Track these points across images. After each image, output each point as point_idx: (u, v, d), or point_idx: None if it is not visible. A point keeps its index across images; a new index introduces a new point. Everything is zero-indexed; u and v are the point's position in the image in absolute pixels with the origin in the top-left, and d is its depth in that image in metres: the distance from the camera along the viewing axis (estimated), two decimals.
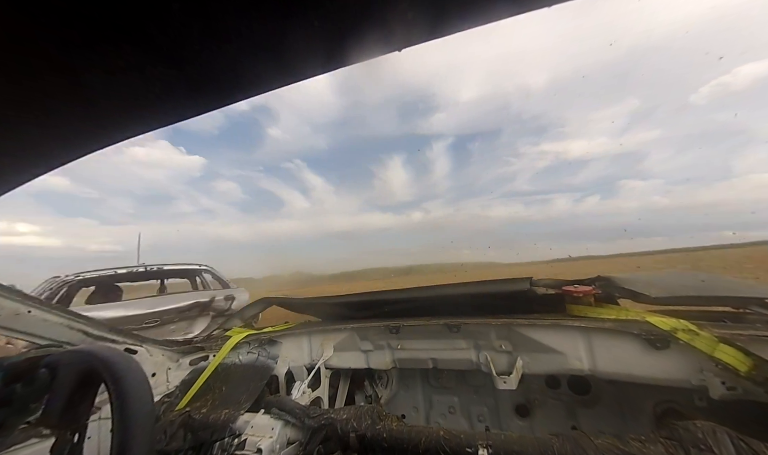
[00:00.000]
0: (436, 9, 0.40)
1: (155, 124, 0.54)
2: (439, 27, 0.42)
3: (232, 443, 1.01)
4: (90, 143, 0.55)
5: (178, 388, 1.50)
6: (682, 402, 1.11)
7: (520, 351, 1.22)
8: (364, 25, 0.40)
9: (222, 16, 0.37)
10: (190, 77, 0.46)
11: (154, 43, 0.40)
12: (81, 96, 0.45)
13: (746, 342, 0.92)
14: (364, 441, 0.96)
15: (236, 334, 1.77)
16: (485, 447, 0.83)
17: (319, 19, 0.39)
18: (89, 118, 0.50)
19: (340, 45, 0.43)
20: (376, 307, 1.71)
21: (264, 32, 0.41)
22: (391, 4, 0.38)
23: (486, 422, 1.60)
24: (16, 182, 0.59)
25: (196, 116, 0.54)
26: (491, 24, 0.42)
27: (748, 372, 0.85)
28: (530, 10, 0.40)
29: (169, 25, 0.38)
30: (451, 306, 1.56)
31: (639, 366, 1.04)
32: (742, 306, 1.33)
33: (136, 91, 0.47)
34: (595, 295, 1.34)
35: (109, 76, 0.43)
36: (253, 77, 0.49)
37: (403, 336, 1.44)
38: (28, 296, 1.14)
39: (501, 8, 0.40)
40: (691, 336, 0.98)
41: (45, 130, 0.50)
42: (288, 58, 0.45)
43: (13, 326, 1.08)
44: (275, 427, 1.03)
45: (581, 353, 1.13)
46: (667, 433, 0.77)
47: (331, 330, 1.59)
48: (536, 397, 1.51)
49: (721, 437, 0.71)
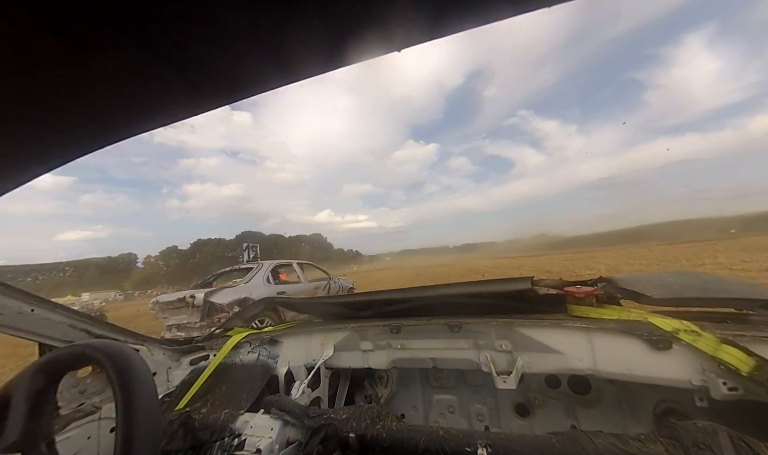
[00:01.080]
0: (436, 9, 0.39)
1: (155, 124, 0.54)
2: (439, 27, 0.42)
3: (232, 443, 1.01)
4: (90, 143, 0.55)
5: (178, 388, 1.51)
6: (682, 402, 1.11)
7: (521, 351, 1.22)
8: (364, 25, 0.40)
9: (222, 16, 0.37)
10: (190, 77, 0.46)
11: (155, 43, 0.40)
12: (81, 96, 0.45)
13: (748, 342, 0.91)
14: (364, 441, 0.96)
15: (236, 334, 1.78)
16: (485, 447, 0.83)
17: (319, 19, 0.39)
18: (89, 118, 0.51)
19: (340, 45, 0.43)
20: (377, 307, 1.71)
21: (264, 32, 0.40)
22: (391, 4, 0.38)
23: (486, 421, 1.59)
24: (16, 182, 0.59)
25: (196, 116, 0.54)
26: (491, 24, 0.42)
27: (750, 373, 0.85)
28: (530, 10, 0.40)
29: (170, 25, 0.38)
30: (452, 306, 1.56)
31: (640, 366, 1.04)
32: (745, 308, 1.33)
33: (136, 91, 0.47)
34: (597, 296, 1.34)
35: (109, 76, 0.43)
36: (253, 77, 0.49)
37: (404, 335, 1.44)
38: (31, 295, 1.14)
39: (501, 8, 0.39)
40: (694, 336, 0.98)
41: (45, 130, 0.50)
42: (288, 58, 0.45)
43: (16, 325, 1.08)
44: (274, 427, 1.03)
45: (582, 353, 1.13)
46: (667, 433, 0.77)
47: (332, 329, 1.59)
48: (536, 397, 1.51)
49: (721, 437, 0.71)
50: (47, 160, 0.56)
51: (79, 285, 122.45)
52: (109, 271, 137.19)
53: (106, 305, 32.01)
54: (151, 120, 0.53)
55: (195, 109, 0.52)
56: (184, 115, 0.53)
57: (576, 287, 1.36)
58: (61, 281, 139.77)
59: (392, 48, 0.44)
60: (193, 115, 0.53)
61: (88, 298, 42.85)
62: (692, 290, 1.33)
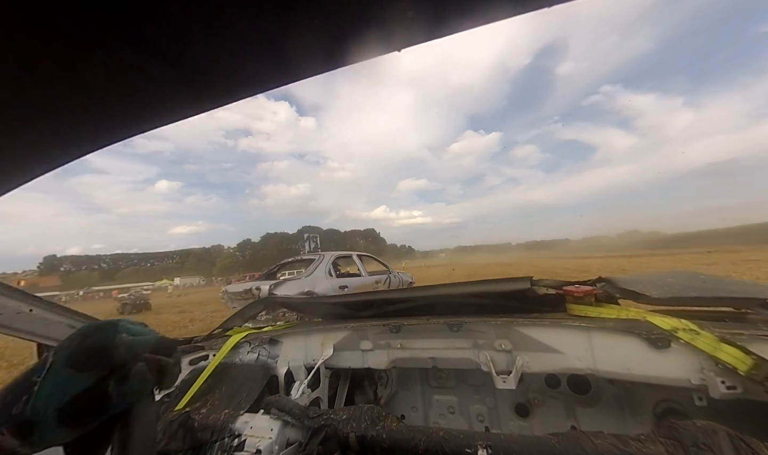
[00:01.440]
0: (436, 9, 0.40)
1: (155, 124, 0.54)
2: (439, 27, 0.42)
3: (232, 444, 1.01)
4: (90, 143, 0.55)
5: (177, 388, 1.50)
6: (682, 402, 1.11)
7: (520, 351, 1.22)
8: (364, 25, 0.40)
9: (222, 16, 0.37)
10: (190, 77, 0.46)
11: (154, 43, 0.40)
12: (81, 96, 0.45)
13: (747, 341, 0.92)
14: (364, 441, 0.96)
15: (236, 333, 1.78)
16: (485, 448, 0.83)
17: (319, 19, 0.39)
18: (89, 118, 0.51)
19: (340, 45, 0.43)
20: (377, 307, 1.71)
21: (264, 32, 0.41)
22: (391, 4, 0.38)
23: (485, 422, 1.60)
24: (16, 182, 0.59)
25: (196, 116, 0.54)
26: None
27: (748, 371, 0.85)
28: (530, 10, 0.40)
29: (169, 25, 0.38)
30: (452, 305, 1.56)
31: (639, 365, 1.04)
32: (743, 307, 1.33)
33: (136, 90, 0.47)
34: (596, 295, 1.35)
35: (109, 76, 0.43)
36: (253, 77, 0.49)
37: (404, 335, 1.44)
38: (30, 295, 1.14)
39: (501, 8, 0.40)
40: (692, 335, 0.98)
41: (45, 130, 0.50)
42: (288, 58, 0.45)
43: (14, 325, 1.08)
44: (274, 428, 1.03)
45: (581, 352, 1.13)
46: (666, 433, 0.77)
47: (331, 329, 1.59)
48: (536, 397, 1.51)
49: (721, 437, 0.71)
50: (47, 160, 0.56)
51: (182, 269, 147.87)
52: (203, 260, 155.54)
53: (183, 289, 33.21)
54: (152, 120, 0.53)
55: (195, 109, 0.52)
56: (184, 115, 0.53)
57: (575, 286, 1.37)
58: (169, 266, 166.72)
59: (392, 48, 0.44)
60: (193, 114, 0.53)
61: (179, 282, 45.98)
62: (691, 290, 1.34)
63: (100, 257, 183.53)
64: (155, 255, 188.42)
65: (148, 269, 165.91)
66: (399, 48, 0.44)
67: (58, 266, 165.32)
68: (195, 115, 0.53)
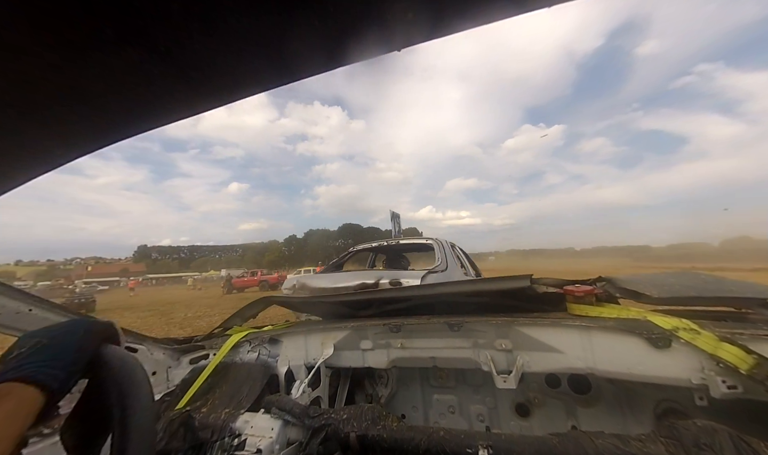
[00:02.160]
0: (436, 9, 0.40)
1: (155, 124, 0.54)
2: (439, 27, 0.42)
3: (232, 443, 1.01)
4: (90, 143, 0.55)
5: (178, 387, 1.50)
6: (682, 401, 1.11)
7: (520, 350, 1.22)
8: (364, 24, 0.40)
9: (222, 15, 0.37)
10: (190, 77, 0.46)
11: (154, 43, 0.40)
12: (81, 96, 0.45)
13: (747, 340, 0.91)
14: (364, 441, 0.96)
15: (236, 333, 1.78)
16: (486, 448, 0.83)
17: (319, 19, 0.39)
18: (89, 118, 0.51)
19: (340, 44, 0.43)
20: (377, 306, 1.71)
21: (264, 32, 0.41)
22: (391, 4, 0.38)
23: (486, 421, 1.60)
24: (16, 182, 0.59)
25: (196, 115, 0.54)
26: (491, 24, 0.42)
27: (749, 371, 0.85)
28: (530, 10, 0.40)
29: (169, 25, 0.38)
30: (452, 304, 1.56)
31: (640, 364, 1.04)
32: (744, 307, 1.33)
33: (136, 90, 0.47)
34: (597, 295, 1.34)
35: (109, 76, 0.43)
36: (254, 76, 0.49)
37: (404, 334, 1.44)
38: (29, 294, 1.14)
39: (501, 8, 0.40)
40: (693, 335, 0.98)
41: (45, 130, 0.50)
42: (288, 57, 0.45)
43: (14, 325, 1.08)
44: (275, 427, 1.03)
45: (582, 352, 1.13)
46: (667, 432, 0.77)
47: (332, 328, 1.59)
48: (536, 396, 1.51)
49: (721, 436, 0.71)
50: (47, 160, 0.56)
51: (242, 262, 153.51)
52: (259, 253, 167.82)
53: (204, 283, 33.18)
54: (152, 119, 0.53)
55: (195, 108, 0.52)
56: (184, 114, 0.53)
57: (575, 286, 1.36)
58: (234, 258, 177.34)
59: (392, 47, 0.44)
60: (193, 114, 0.53)
61: (224, 274, 47.20)
62: (691, 289, 1.34)
63: (180, 248, 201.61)
64: (222, 247, 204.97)
65: (216, 260, 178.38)
66: (399, 48, 0.44)
67: (148, 254, 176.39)
68: (195, 114, 0.53)
